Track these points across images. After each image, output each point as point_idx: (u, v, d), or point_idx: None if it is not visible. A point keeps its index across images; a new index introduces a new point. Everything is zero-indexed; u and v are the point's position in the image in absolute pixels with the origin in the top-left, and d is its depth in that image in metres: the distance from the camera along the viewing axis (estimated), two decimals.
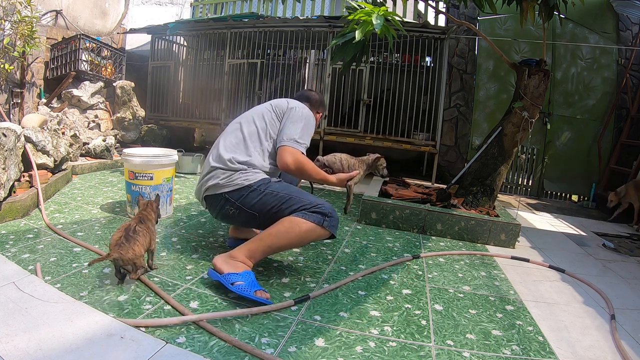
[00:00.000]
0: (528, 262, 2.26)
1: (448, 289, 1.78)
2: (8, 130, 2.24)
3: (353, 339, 1.29)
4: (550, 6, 2.53)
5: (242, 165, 1.68)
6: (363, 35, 2.11)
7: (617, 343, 1.41)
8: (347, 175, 1.90)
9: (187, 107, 5.35)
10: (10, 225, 2.04)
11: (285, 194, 1.63)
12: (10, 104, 4.15)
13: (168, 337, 1.19)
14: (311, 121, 1.82)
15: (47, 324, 1.15)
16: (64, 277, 1.52)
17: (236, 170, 1.67)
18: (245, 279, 1.48)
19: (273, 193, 1.64)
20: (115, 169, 3.94)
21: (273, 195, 1.63)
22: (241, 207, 1.66)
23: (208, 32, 5.07)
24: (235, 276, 1.49)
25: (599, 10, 4.76)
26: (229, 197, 1.66)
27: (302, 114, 1.80)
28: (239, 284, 1.46)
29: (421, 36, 4.32)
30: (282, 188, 1.66)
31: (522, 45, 4.76)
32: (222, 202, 1.69)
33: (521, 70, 2.81)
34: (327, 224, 1.58)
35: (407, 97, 4.41)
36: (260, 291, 1.46)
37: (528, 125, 2.75)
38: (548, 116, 4.69)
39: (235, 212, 1.68)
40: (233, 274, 1.49)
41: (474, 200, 2.89)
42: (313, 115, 1.88)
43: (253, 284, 1.48)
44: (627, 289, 2.00)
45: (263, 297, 1.45)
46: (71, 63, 4.48)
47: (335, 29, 4.40)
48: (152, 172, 2.30)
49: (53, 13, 4.83)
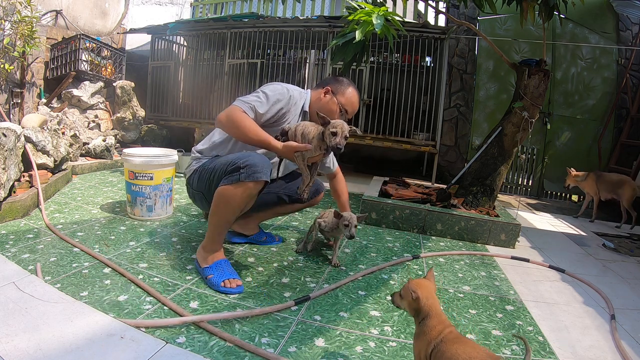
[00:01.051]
0: (528, 262, 2.26)
1: (448, 289, 1.78)
2: (8, 130, 2.24)
3: (353, 339, 1.29)
4: (550, 6, 2.53)
5: (197, 153, 1.81)
6: (363, 35, 2.11)
7: (617, 343, 1.41)
8: (296, 145, 1.57)
9: (187, 107, 5.35)
10: (10, 225, 2.04)
11: (213, 166, 1.63)
12: (10, 104, 4.15)
13: (168, 337, 1.19)
14: (275, 92, 1.70)
15: (47, 324, 1.15)
16: (64, 277, 1.52)
17: (193, 158, 1.82)
18: (215, 270, 1.57)
19: (206, 168, 1.68)
20: (115, 169, 3.94)
21: (206, 171, 1.67)
22: (193, 190, 1.78)
23: (208, 32, 5.07)
24: (207, 270, 1.58)
25: (599, 10, 4.76)
26: (186, 183, 1.83)
27: (267, 86, 1.74)
28: (209, 278, 1.55)
29: (421, 36, 4.32)
30: (214, 161, 1.66)
31: (522, 45, 4.76)
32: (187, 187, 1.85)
33: (521, 70, 2.81)
34: (243, 177, 1.49)
35: (407, 97, 4.41)
36: (227, 280, 1.52)
37: (528, 125, 2.75)
38: (548, 116, 4.69)
39: (193, 195, 1.82)
40: (206, 268, 1.60)
41: (474, 200, 2.89)
42: (283, 90, 1.72)
43: (222, 274, 1.54)
44: (627, 289, 2.00)
45: (230, 286, 1.50)
46: (71, 63, 4.48)
47: (335, 29, 4.40)
48: (152, 172, 2.30)
49: (53, 13, 4.83)
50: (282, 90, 1.72)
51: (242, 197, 1.53)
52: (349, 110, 1.86)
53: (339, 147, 1.50)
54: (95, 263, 1.67)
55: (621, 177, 3.53)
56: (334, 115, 1.76)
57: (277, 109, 1.69)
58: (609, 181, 3.53)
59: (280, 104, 1.70)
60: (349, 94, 1.84)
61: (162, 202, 2.37)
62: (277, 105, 1.69)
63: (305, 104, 1.83)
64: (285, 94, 1.72)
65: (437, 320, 0.95)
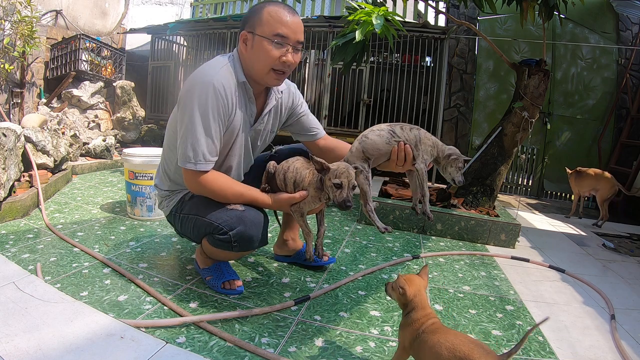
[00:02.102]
0: (528, 262, 2.26)
1: (448, 289, 1.78)
2: (8, 130, 2.24)
3: (353, 339, 1.29)
4: (550, 6, 2.53)
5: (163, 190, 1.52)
6: (363, 35, 2.11)
7: (617, 343, 1.41)
8: (289, 197, 1.35)
9: None
10: (10, 225, 2.04)
11: (194, 221, 1.39)
12: (10, 104, 4.15)
13: (168, 337, 1.19)
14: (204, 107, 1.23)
15: (47, 324, 1.15)
16: (64, 277, 1.52)
17: (162, 196, 1.53)
18: (214, 272, 1.53)
19: (187, 218, 1.42)
20: (115, 169, 3.94)
21: (188, 221, 1.42)
22: (180, 232, 1.54)
23: (208, 32, 5.07)
24: (206, 271, 1.56)
25: (599, 10, 4.76)
26: (168, 220, 1.56)
27: (189, 98, 1.25)
28: (208, 280, 1.53)
29: (421, 36, 4.32)
30: (192, 210, 1.40)
31: (522, 45, 4.76)
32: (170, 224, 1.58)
33: (521, 70, 2.81)
34: (237, 249, 1.35)
35: (407, 97, 4.41)
36: (228, 282, 1.50)
37: (528, 125, 2.75)
38: (548, 116, 4.69)
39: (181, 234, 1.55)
40: (205, 269, 1.56)
41: (474, 200, 2.89)
42: (205, 90, 1.23)
43: (221, 275, 1.51)
44: (627, 289, 2.00)
45: (230, 288, 1.48)
46: (71, 63, 4.48)
47: (336, 29, 4.40)
48: (152, 172, 2.30)
49: (53, 13, 4.83)
50: (208, 93, 1.24)
51: (235, 256, 1.53)
52: (286, 32, 1.27)
53: (348, 204, 1.20)
54: (95, 263, 1.67)
55: (598, 173, 3.47)
56: (276, 61, 1.28)
57: (221, 123, 1.29)
58: (588, 177, 3.50)
59: (218, 115, 1.27)
60: (269, 16, 1.26)
61: None
62: (216, 120, 1.27)
63: (238, 73, 1.33)
64: (210, 96, 1.24)
65: (422, 313, 1.00)
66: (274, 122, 1.54)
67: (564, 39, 4.74)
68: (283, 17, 1.27)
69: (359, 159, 1.38)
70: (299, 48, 1.33)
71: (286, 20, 1.27)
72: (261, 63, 1.30)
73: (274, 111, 1.51)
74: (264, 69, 1.30)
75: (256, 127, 1.47)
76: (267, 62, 1.29)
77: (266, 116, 1.48)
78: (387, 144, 1.37)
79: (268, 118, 1.50)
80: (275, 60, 1.29)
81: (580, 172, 3.56)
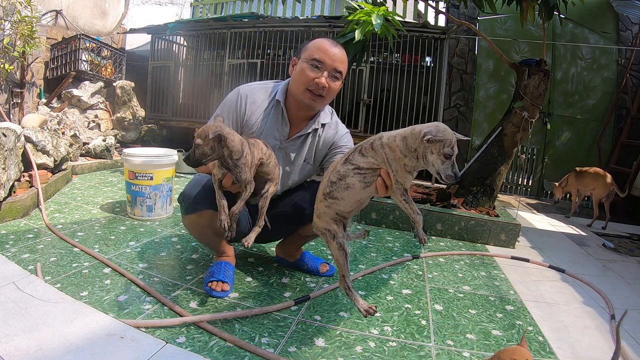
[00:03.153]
0: (528, 262, 2.26)
1: (448, 289, 1.78)
2: (8, 130, 2.24)
3: (353, 339, 1.29)
4: (550, 6, 2.53)
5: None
6: (363, 35, 2.11)
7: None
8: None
9: (187, 107, 5.35)
10: (10, 225, 2.04)
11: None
12: (10, 104, 4.15)
13: (168, 337, 1.19)
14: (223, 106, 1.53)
15: (47, 324, 1.15)
16: (64, 277, 1.52)
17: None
18: (212, 269, 1.57)
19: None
20: (115, 169, 3.94)
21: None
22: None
23: (208, 32, 5.07)
24: (210, 267, 1.61)
25: (599, 10, 4.75)
26: None
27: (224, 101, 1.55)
28: (205, 276, 1.58)
29: (421, 36, 4.32)
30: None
31: (522, 45, 4.76)
32: None
33: (521, 70, 2.81)
34: (183, 210, 1.48)
35: (407, 97, 4.41)
36: (215, 282, 1.51)
37: (528, 125, 2.75)
38: (548, 116, 4.69)
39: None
40: (211, 265, 1.62)
41: (474, 200, 2.89)
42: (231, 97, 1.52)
43: (213, 275, 1.54)
44: (627, 289, 2.00)
45: (214, 288, 1.49)
46: (71, 63, 4.48)
47: (335, 29, 4.39)
48: (152, 172, 2.30)
49: (53, 13, 4.82)
50: (232, 96, 1.52)
51: (195, 228, 1.52)
52: (322, 58, 1.40)
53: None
54: (95, 263, 1.67)
55: (597, 172, 3.44)
56: (310, 82, 1.40)
57: (231, 121, 1.48)
58: (587, 176, 3.48)
59: (232, 113, 1.49)
60: (312, 45, 1.44)
61: (162, 202, 2.37)
62: (229, 117, 1.48)
63: (278, 92, 1.52)
64: (233, 98, 1.50)
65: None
66: (309, 152, 1.56)
67: (564, 39, 4.74)
68: (323, 45, 1.44)
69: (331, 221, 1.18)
70: (337, 76, 1.44)
71: (325, 48, 1.43)
72: (299, 82, 1.45)
73: (311, 140, 1.55)
74: (301, 87, 1.44)
75: (284, 146, 1.53)
76: (303, 81, 1.43)
77: (298, 140, 1.54)
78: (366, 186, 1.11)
79: (301, 144, 1.54)
80: (310, 80, 1.41)
81: (580, 172, 3.55)
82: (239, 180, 1.25)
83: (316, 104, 1.46)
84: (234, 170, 1.23)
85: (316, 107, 1.48)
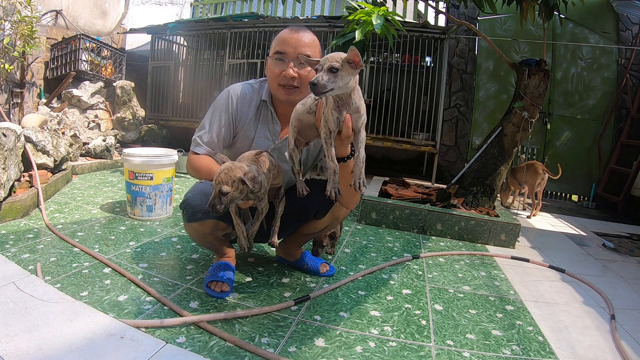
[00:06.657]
0: (528, 262, 2.26)
1: (448, 289, 1.78)
2: (8, 130, 2.24)
3: (353, 339, 1.29)
4: (550, 6, 2.53)
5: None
6: (363, 35, 2.11)
7: (617, 343, 1.41)
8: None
9: (187, 107, 5.35)
10: (10, 225, 2.04)
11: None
12: (10, 104, 4.15)
13: (168, 337, 1.19)
14: (215, 105, 1.50)
15: (47, 324, 1.15)
16: (64, 277, 1.52)
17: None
18: (213, 269, 1.56)
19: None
20: (115, 169, 3.94)
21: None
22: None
23: (208, 32, 5.07)
24: (210, 267, 1.59)
25: (599, 10, 4.75)
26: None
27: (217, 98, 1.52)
28: (205, 275, 1.57)
29: (421, 36, 4.32)
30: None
31: (522, 45, 4.76)
32: None
33: (521, 70, 2.81)
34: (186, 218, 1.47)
35: (407, 97, 4.41)
36: (215, 282, 1.50)
37: (528, 125, 2.75)
38: (548, 116, 4.69)
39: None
40: (211, 266, 1.60)
41: (474, 200, 2.89)
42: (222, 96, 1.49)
43: (213, 275, 1.53)
44: (627, 289, 2.00)
45: (213, 289, 1.48)
46: (71, 63, 4.48)
47: (335, 29, 4.39)
48: (152, 172, 2.30)
49: (53, 13, 4.82)
50: (222, 96, 1.50)
51: (197, 235, 1.51)
52: (284, 48, 1.38)
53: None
54: (95, 263, 1.67)
55: (528, 164, 3.49)
56: (279, 76, 1.40)
57: (224, 123, 1.47)
58: (519, 171, 3.53)
59: (224, 115, 1.47)
60: (274, 39, 1.43)
61: (162, 202, 2.37)
62: (222, 119, 1.47)
63: (264, 92, 1.51)
64: (223, 99, 1.49)
65: None
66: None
67: (564, 39, 4.74)
68: (283, 36, 1.41)
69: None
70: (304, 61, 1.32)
71: (285, 38, 1.40)
72: (270, 81, 1.44)
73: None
74: (274, 85, 1.43)
75: (278, 146, 1.52)
76: (272, 79, 1.42)
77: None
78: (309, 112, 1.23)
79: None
80: (278, 75, 1.39)
81: (513, 169, 3.60)
82: (259, 206, 1.31)
83: (294, 97, 1.41)
84: (255, 201, 1.27)
85: (295, 100, 1.39)
